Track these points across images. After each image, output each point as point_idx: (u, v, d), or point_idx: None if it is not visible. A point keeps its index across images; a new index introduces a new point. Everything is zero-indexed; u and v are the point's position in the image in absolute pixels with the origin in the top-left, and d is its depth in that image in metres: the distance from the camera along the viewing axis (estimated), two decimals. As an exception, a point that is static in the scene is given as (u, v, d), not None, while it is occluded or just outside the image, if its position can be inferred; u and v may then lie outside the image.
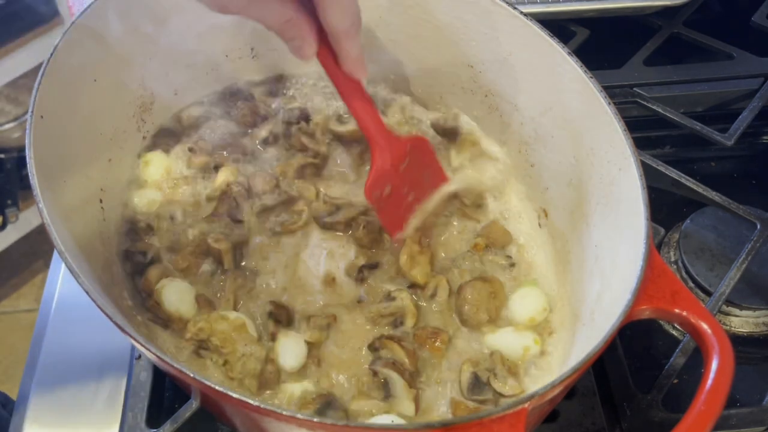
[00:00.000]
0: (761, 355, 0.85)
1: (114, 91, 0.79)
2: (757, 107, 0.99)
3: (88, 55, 0.73)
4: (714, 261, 0.88)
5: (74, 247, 0.63)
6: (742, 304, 0.85)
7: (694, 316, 0.57)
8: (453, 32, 0.83)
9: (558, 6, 1.05)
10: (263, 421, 0.56)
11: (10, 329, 2.26)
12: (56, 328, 0.83)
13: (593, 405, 0.75)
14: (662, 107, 1.00)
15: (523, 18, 0.74)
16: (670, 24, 1.12)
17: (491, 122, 0.87)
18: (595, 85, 0.69)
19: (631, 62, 1.06)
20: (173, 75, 0.87)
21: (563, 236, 0.80)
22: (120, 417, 0.76)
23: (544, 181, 0.82)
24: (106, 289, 0.67)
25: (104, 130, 0.78)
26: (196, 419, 0.69)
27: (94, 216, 0.74)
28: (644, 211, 0.61)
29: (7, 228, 2.19)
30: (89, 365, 0.80)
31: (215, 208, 0.81)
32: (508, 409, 0.50)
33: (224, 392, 0.52)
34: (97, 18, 0.73)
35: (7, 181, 2.15)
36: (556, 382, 0.52)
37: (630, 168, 0.65)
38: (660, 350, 0.85)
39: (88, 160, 0.74)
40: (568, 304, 0.77)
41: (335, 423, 0.55)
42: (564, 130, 0.76)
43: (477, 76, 0.85)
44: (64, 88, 0.70)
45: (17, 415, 0.77)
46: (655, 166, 0.91)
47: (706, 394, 0.51)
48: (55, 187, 0.65)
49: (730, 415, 0.74)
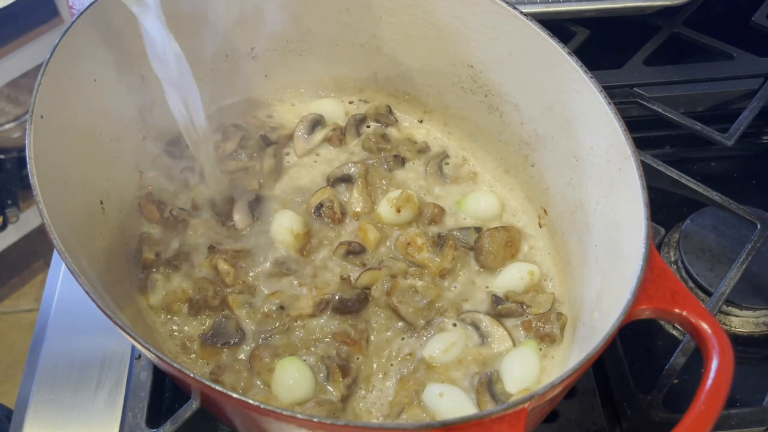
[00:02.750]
0: (761, 355, 0.85)
1: (114, 91, 0.79)
2: (757, 107, 0.99)
3: (88, 55, 0.73)
4: (714, 261, 0.88)
5: (74, 247, 0.63)
6: (742, 304, 0.85)
7: (694, 316, 0.57)
8: (453, 32, 0.83)
9: (558, 6, 1.05)
10: (263, 421, 0.56)
11: (10, 329, 2.26)
12: (56, 328, 0.83)
13: (593, 405, 0.75)
14: (662, 107, 1.00)
15: (523, 18, 0.74)
16: (670, 24, 1.12)
17: (491, 122, 0.87)
18: (595, 85, 0.69)
19: (631, 62, 1.06)
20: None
21: (563, 236, 0.80)
22: (120, 417, 0.76)
23: (544, 181, 0.82)
24: (106, 289, 0.67)
25: (104, 130, 0.78)
26: (196, 419, 0.69)
27: (94, 216, 0.74)
28: (644, 211, 0.61)
29: (7, 228, 2.18)
30: (89, 365, 0.80)
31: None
32: (508, 409, 0.50)
33: (224, 392, 0.52)
34: (97, 18, 0.73)
35: (7, 181, 2.15)
36: (556, 382, 0.52)
37: (630, 168, 0.65)
38: (660, 350, 0.85)
39: (88, 160, 0.74)
40: (568, 303, 0.77)
41: (335, 423, 0.55)
42: (564, 130, 0.76)
43: (477, 76, 0.85)
44: (64, 88, 0.70)
45: (17, 415, 0.77)
46: (655, 166, 0.91)
47: (706, 394, 0.51)
48: (55, 187, 0.65)
49: (730, 415, 0.74)
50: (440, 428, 0.50)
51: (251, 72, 0.94)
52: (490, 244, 0.81)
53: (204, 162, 0.85)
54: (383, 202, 0.85)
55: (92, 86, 0.75)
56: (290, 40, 0.92)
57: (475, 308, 0.78)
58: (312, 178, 0.89)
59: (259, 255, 0.81)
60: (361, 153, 0.92)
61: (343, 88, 0.98)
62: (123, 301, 0.73)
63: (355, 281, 0.78)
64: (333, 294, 0.77)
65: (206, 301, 0.76)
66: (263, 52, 0.92)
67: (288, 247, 0.81)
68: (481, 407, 0.70)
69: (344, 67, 0.95)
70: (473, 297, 0.79)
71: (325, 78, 0.97)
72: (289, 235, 0.81)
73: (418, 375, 0.73)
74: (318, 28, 0.91)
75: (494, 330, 0.75)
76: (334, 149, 0.92)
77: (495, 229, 0.82)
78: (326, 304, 0.76)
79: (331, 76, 0.97)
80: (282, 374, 0.71)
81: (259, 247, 0.82)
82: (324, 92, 0.98)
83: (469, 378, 0.72)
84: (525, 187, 0.87)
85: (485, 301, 0.79)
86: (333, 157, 0.92)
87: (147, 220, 0.83)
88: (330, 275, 0.80)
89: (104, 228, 0.76)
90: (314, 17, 0.89)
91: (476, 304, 0.79)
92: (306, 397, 0.70)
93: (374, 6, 0.86)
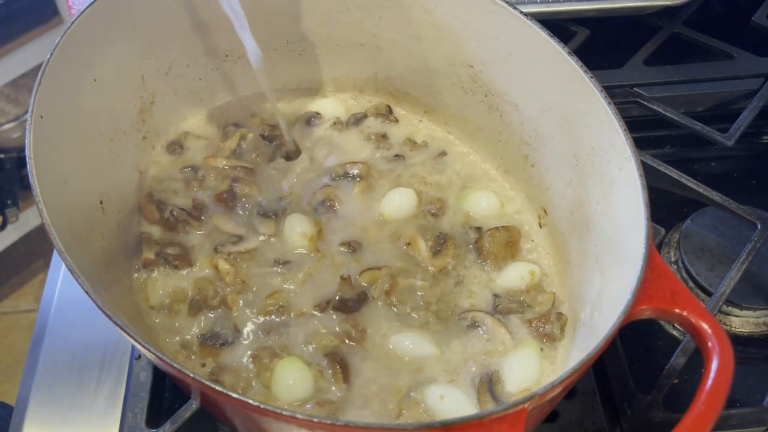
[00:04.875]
0: (761, 355, 0.85)
1: (114, 91, 0.79)
2: (757, 107, 0.99)
3: (88, 55, 0.73)
4: (714, 261, 0.88)
5: (74, 247, 0.63)
6: (742, 304, 0.85)
7: (695, 316, 0.57)
8: (453, 32, 0.83)
9: (558, 6, 1.05)
10: (263, 421, 0.56)
11: (10, 329, 2.26)
12: (56, 328, 0.83)
13: (593, 405, 0.75)
14: (662, 107, 1.00)
15: (523, 18, 0.74)
16: (670, 24, 1.12)
17: (491, 122, 0.87)
18: (595, 85, 0.69)
19: (631, 62, 1.06)
20: (173, 75, 0.87)
21: (563, 236, 0.80)
22: (120, 417, 0.76)
23: (544, 181, 0.83)
24: (106, 289, 0.67)
25: (104, 130, 0.78)
26: (196, 419, 0.69)
27: (94, 216, 0.74)
28: (644, 211, 0.61)
29: (7, 228, 2.19)
30: (89, 365, 0.80)
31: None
32: (508, 409, 0.50)
33: (224, 392, 0.52)
34: (97, 18, 0.73)
35: (7, 181, 2.15)
36: (556, 382, 0.52)
37: (630, 168, 0.64)
38: (660, 350, 0.85)
39: (88, 160, 0.74)
40: (568, 303, 0.77)
41: (335, 423, 0.55)
42: (564, 130, 0.76)
43: (477, 76, 0.85)
44: (64, 88, 0.70)
45: (17, 415, 0.77)
46: (655, 166, 0.91)
47: (706, 394, 0.51)
48: (55, 187, 0.65)
49: (731, 415, 0.74)
50: (440, 428, 0.50)
51: (251, 72, 0.94)
52: (491, 244, 0.81)
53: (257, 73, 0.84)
54: (384, 199, 0.85)
55: (92, 86, 0.75)
56: (290, 40, 0.92)
57: (475, 308, 0.78)
58: (314, 175, 0.89)
59: (260, 255, 0.81)
60: (362, 152, 0.92)
61: (343, 88, 0.98)
62: (123, 301, 0.73)
63: (355, 280, 0.78)
64: (333, 293, 0.77)
65: (206, 301, 0.76)
66: (263, 52, 0.92)
67: (303, 248, 0.82)
68: (482, 407, 0.70)
69: (344, 67, 0.95)
70: (473, 296, 0.79)
71: (325, 78, 0.97)
72: (304, 239, 0.81)
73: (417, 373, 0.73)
74: (318, 28, 0.91)
75: (494, 330, 0.75)
76: (335, 148, 0.92)
77: (495, 229, 0.82)
78: (327, 304, 0.76)
79: (331, 76, 0.97)
80: (282, 374, 0.71)
81: (261, 247, 0.82)
82: (324, 92, 0.98)
83: (469, 378, 0.72)
84: (525, 187, 0.87)
85: (485, 300, 0.79)
86: (333, 155, 0.92)
87: (147, 220, 0.83)
88: (330, 274, 0.80)
89: (104, 228, 0.76)
90: (314, 17, 0.89)
91: (476, 303, 0.79)
92: (306, 397, 0.70)
93: (374, 6, 0.86)
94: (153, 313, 0.77)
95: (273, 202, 0.86)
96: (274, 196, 0.86)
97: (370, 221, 0.84)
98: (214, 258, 0.79)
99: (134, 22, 0.79)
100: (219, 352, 0.74)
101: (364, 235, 0.83)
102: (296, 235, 0.81)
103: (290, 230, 0.82)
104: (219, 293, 0.77)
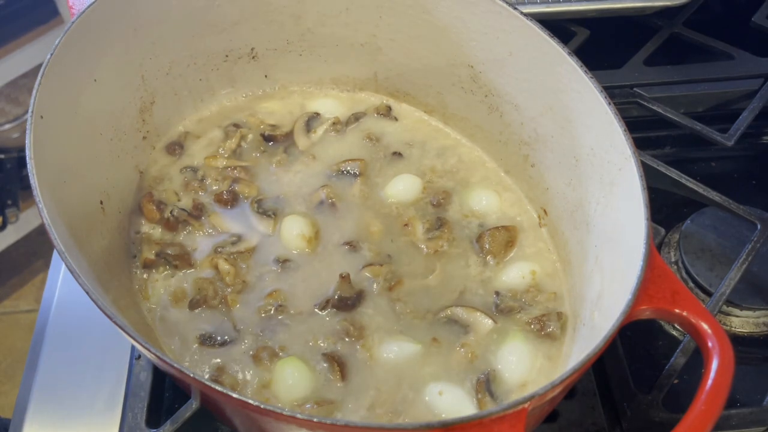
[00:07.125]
0: (761, 355, 0.85)
1: (114, 91, 0.79)
2: (757, 107, 0.99)
3: (88, 55, 0.73)
4: (714, 261, 0.88)
5: (74, 247, 0.63)
6: (742, 305, 0.85)
7: (694, 316, 0.57)
8: (453, 32, 0.83)
9: (558, 6, 1.05)
10: (263, 421, 0.56)
11: (10, 329, 2.26)
12: (56, 328, 0.83)
13: (593, 405, 0.75)
14: (662, 107, 1.00)
15: (523, 18, 0.74)
16: (670, 24, 1.12)
17: (491, 122, 0.87)
18: (595, 85, 0.69)
19: (631, 62, 1.06)
20: (173, 75, 0.87)
21: (563, 236, 0.80)
22: (120, 417, 0.76)
23: (544, 181, 0.83)
24: (107, 289, 0.67)
25: (104, 130, 0.78)
26: (196, 419, 0.69)
27: (94, 216, 0.74)
28: (644, 211, 0.61)
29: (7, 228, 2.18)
30: (89, 365, 0.80)
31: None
32: (509, 409, 0.50)
33: (224, 392, 0.52)
34: (97, 18, 0.73)
35: (7, 181, 2.15)
36: (556, 382, 0.52)
37: (630, 168, 0.65)
38: (660, 350, 0.85)
39: (88, 160, 0.74)
40: (568, 303, 0.77)
41: (335, 423, 0.55)
42: (564, 130, 0.76)
43: (477, 76, 0.85)
44: (64, 88, 0.70)
45: (17, 415, 0.77)
46: (655, 166, 0.91)
47: (707, 394, 0.51)
48: (55, 187, 0.65)
49: (731, 415, 0.74)
50: (440, 428, 0.50)
51: (251, 72, 0.94)
52: (491, 244, 0.81)
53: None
54: (390, 183, 0.87)
55: (92, 86, 0.75)
56: (290, 40, 0.92)
57: (475, 307, 0.78)
58: (314, 173, 0.89)
59: (260, 254, 0.81)
60: (361, 151, 0.92)
61: (343, 87, 0.98)
62: (123, 301, 0.73)
63: (354, 278, 0.78)
64: (332, 292, 0.77)
65: (206, 301, 0.76)
66: (263, 52, 0.92)
67: (301, 249, 0.82)
68: (481, 407, 0.70)
69: (344, 67, 0.95)
70: (473, 296, 0.79)
71: (325, 78, 0.97)
72: (301, 241, 0.81)
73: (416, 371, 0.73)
74: (318, 28, 0.91)
75: (495, 329, 0.75)
76: (335, 147, 0.92)
77: (495, 229, 0.82)
78: (326, 302, 0.76)
79: (331, 76, 0.97)
80: (281, 374, 0.71)
81: (261, 247, 0.82)
82: (324, 92, 0.98)
83: (468, 377, 0.72)
84: (525, 187, 0.87)
85: (486, 300, 0.79)
86: (334, 154, 0.92)
87: (147, 220, 0.83)
88: (330, 273, 0.80)
89: (104, 228, 0.76)
90: (314, 17, 0.89)
91: (476, 303, 0.79)
92: (305, 396, 0.70)
93: (374, 6, 0.86)
94: (153, 313, 0.77)
95: (273, 201, 0.86)
96: (273, 196, 0.86)
97: (369, 218, 0.84)
98: (214, 258, 0.79)
99: (134, 22, 0.79)
100: (219, 351, 0.74)
101: (364, 232, 0.83)
102: (295, 234, 0.81)
103: (289, 230, 0.82)
104: (219, 293, 0.77)
